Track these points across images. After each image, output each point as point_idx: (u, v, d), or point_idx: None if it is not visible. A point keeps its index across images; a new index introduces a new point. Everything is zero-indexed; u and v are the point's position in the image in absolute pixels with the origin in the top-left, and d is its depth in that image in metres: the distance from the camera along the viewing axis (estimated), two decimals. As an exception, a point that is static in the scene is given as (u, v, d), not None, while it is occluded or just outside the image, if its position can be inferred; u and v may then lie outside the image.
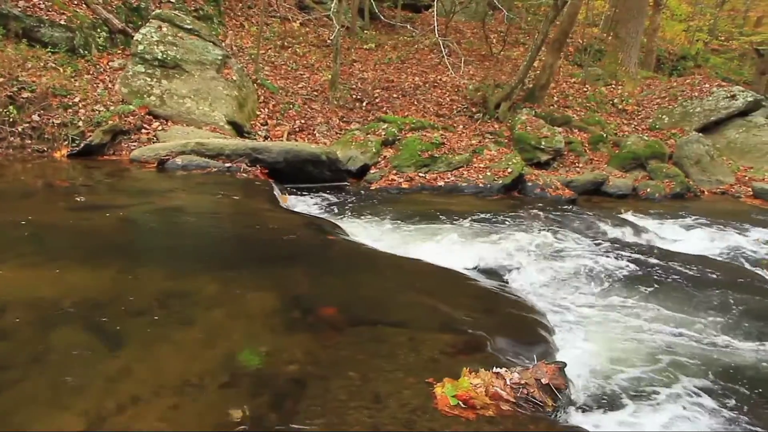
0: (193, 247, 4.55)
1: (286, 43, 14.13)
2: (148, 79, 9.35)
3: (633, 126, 14.71)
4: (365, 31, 16.32)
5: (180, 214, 5.40)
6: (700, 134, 13.51)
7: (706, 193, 12.01)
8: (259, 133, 10.14)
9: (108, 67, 9.79)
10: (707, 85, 15.74)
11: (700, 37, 23.58)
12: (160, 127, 8.87)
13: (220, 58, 10.23)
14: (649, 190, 11.16)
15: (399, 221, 6.94)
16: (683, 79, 17.53)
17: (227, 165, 7.61)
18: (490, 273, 5.53)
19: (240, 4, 14.84)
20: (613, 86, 16.73)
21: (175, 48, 9.76)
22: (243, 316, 3.33)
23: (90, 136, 8.03)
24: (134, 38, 9.75)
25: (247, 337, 3.07)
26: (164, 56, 9.57)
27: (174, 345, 2.91)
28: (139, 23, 10.72)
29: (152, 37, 9.66)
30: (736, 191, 12.12)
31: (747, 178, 12.83)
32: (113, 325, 3.03)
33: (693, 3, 24.24)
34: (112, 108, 8.68)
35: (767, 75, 19.26)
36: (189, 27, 10.23)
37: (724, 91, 15.15)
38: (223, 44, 11.70)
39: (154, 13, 10.38)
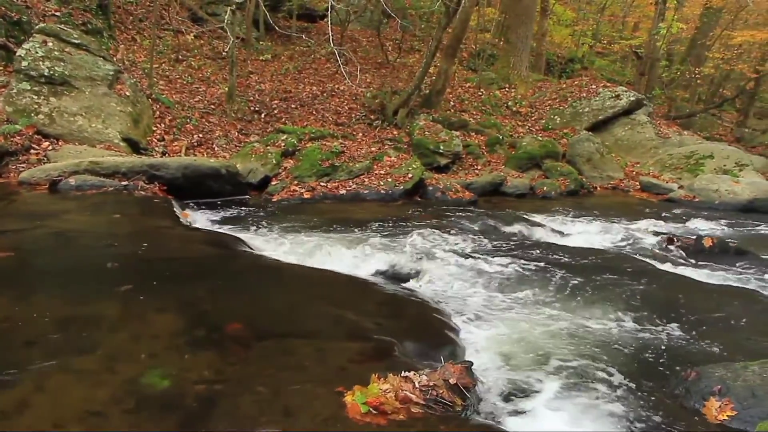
0: (91, 270, 4.41)
1: (180, 57, 13.86)
2: (35, 97, 8.95)
3: (527, 127, 15.24)
4: (261, 42, 16.19)
5: (76, 236, 5.22)
6: (590, 133, 14.22)
7: (598, 188, 12.59)
8: (157, 149, 9.90)
9: (-11, 85, 9.34)
10: (594, 86, 16.55)
11: (585, 41, 24.66)
12: (50, 147, 8.51)
13: (111, 73, 9.94)
14: (545, 188, 11.60)
15: (302, 232, 6.94)
16: (572, 80, 18.33)
17: (124, 183, 7.39)
18: (396, 278, 5.61)
19: (131, 18, 14.42)
20: (507, 89, 17.27)
21: (62, 64, 9.39)
22: (147, 337, 3.26)
23: (-27, 159, 7.63)
24: (17, 54, 9.29)
25: (152, 359, 3.01)
26: (51, 72, 9.18)
27: (74, 373, 2.81)
28: (22, 38, 10.22)
29: (37, 52, 9.25)
30: (626, 186, 12.80)
31: (634, 172, 13.60)
32: (6, 357, 2.91)
33: (577, 9, 25.31)
34: (-4, 128, 8.29)
35: (646, 76, 20.34)
36: (77, 41, 9.87)
37: (609, 91, 15.98)
38: (115, 59, 11.37)
39: (37, 27, 9.94)
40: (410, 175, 10.00)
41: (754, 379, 3.36)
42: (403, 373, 2.99)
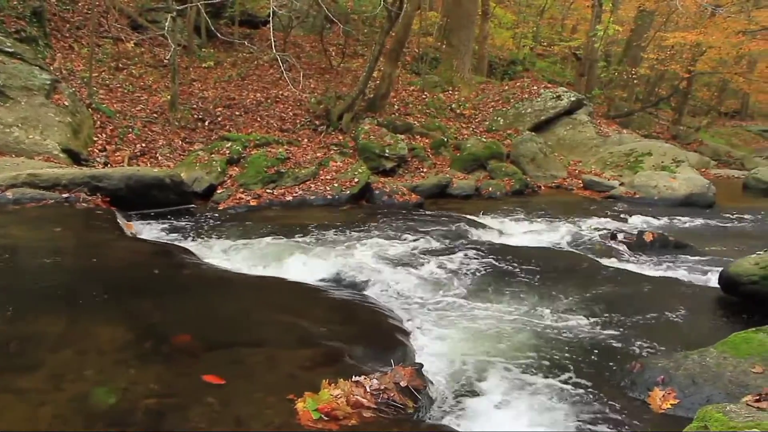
0: (32, 286, 4.31)
1: (120, 65, 13.58)
2: (-32, 109, 8.70)
3: (471, 129, 15.41)
4: (203, 49, 15.98)
5: (15, 252, 5.08)
6: (533, 133, 14.44)
7: (542, 188, 12.74)
8: (98, 159, 9.70)
9: None
10: (535, 87, 16.83)
11: (526, 43, 25.07)
12: (-15, 160, 8.28)
13: (48, 82, 9.70)
14: (491, 189, 11.72)
15: (250, 239, 6.89)
16: (514, 82, 18.59)
17: (65, 196, 7.22)
18: (346, 283, 5.62)
19: (67, 25, 14.06)
20: (451, 92, 17.40)
21: (-5, 74, 9.15)
22: (93, 352, 3.21)
23: None
24: (-53, 65, 9.03)
25: (99, 375, 2.96)
26: (-16, 83, 8.94)
27: (17, 393, 2.74)
28: (-48, 48, 9.92)
29: (-32, 62, 9.01)
30: (569, 184, 13.04)
31: (577, 171, 13.87)
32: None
33: (517, 12, 25.73)
34: (-73, 143, 8.00)
35: (585, 76, 20.79)
36: (10, 50, 9.63)
37: (550, 92, 16.29)
38: (52, 68, 11.10)
39: (-32, 37, 9.68)
40: (356, 180, 10.02)
41: (694, 368, 3.51)
42: (353, 378, 3.01)
